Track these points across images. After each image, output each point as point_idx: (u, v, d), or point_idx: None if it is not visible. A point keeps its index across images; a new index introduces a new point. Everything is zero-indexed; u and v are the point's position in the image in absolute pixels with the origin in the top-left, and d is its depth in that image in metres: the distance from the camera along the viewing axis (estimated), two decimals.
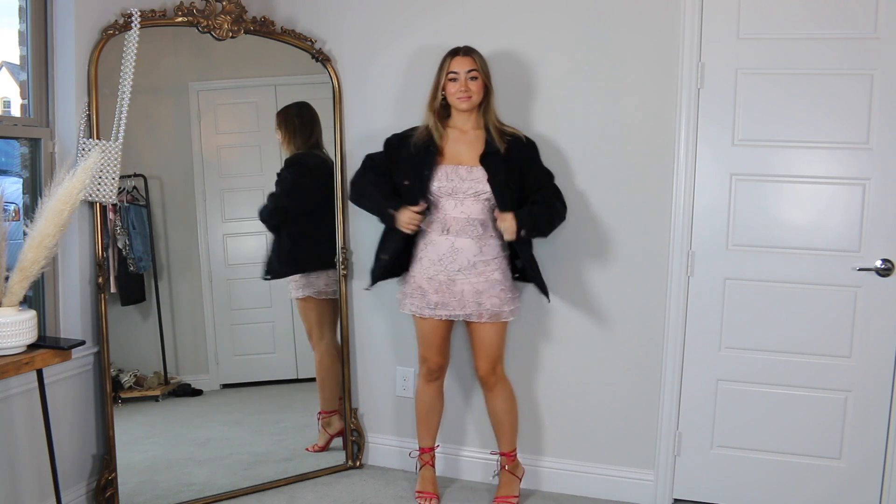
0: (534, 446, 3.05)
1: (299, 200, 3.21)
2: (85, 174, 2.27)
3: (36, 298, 2.62)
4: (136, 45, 2.69)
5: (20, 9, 2.57)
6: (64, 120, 2.63)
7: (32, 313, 2.29)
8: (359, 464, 3.26)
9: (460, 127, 2.79)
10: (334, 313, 3.24)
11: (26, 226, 2.26)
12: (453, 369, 3.16)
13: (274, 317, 3.33)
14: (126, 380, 3.00)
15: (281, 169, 3.18)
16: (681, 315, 2.87)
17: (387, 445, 3.29)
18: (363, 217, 3.20)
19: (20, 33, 2.60)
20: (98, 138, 2.65)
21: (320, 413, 3.28)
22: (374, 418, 3.31)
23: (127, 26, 2.70)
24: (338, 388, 3.27)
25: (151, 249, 3.03)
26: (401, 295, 2.87)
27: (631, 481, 2.98)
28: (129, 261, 2.92)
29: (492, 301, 2.73)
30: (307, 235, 3.24)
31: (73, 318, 2.68)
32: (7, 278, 2.25)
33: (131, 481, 2.80)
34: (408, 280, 2.84)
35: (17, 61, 2.65)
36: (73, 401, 2.68)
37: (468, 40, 2.81)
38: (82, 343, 2.50)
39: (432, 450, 2.99)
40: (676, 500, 2.96)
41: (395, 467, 3.26)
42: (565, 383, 3.05)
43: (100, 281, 2.70)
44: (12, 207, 2.60)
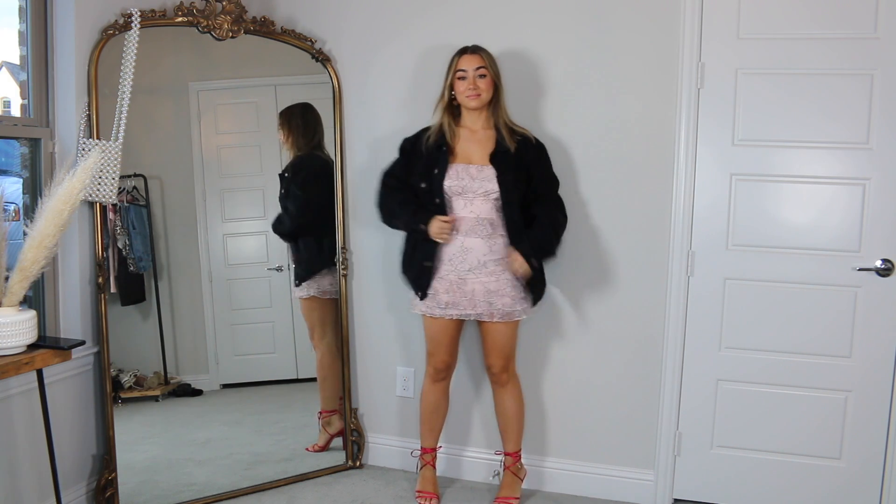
0: (534, 447, 3.05)
1: (315, 212, 3.23)
2: (85, 174, 2.27)
3: (36, 298, 2.61)
4: (136, 45, 2.69)
5: (20, 9, 2.57)
6: (64, 120, 2.63)
7: (32, 313, 2.29)
8: (359, 464, 3.26)
9: (470, 126, 2.78)
10: (336, 313, 3.24)
11: (26, 226, 2.25)
12: (457, 369, 3.16)
13: (274, 317, 3.33)
14: (126, 380, 3.00)
15: (286, 174, 3.18)
16: (681, 315, 2.87)
17: (387, 445, 3.29)
18: (363, 217, 3.21)
19: (20, 33, 2.60)
20: (98, 138, 2.65)
21: (320, 412, 3.28)
22: (374, 418, 3.31)
23: (127, 26, 2.70)
24: (338, 387, 3.27)
25: (151, 249, 3.03)
26: (412, 295, 2.85)
27: (631, 481, 2.98)
28: (129, 261, 2.92)
29: (503, 301, 2.72)
30: (320, 238, 3.24)
31: (73, 318, 2.68)
32: (7, 278, 2.25)
33: (131, 481, 2.80)
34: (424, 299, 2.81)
35: (17, 61, 2.65)
36: (73, 401, 2.68)
37: (468, 40, 2.80)
38: (82, 343, 2.50)
39: (434, 450, 2.98)
40: (676, 500, 2.96)
41: (396, 467, 3.25)
42: (565, 383, 3.05)
43: (100, 281, 2.70)
44: (12, 207, 2.60)
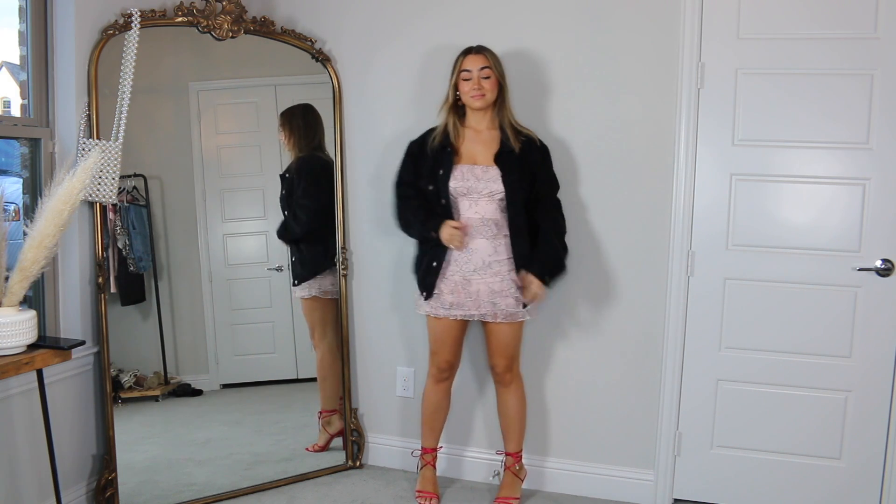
0: (535, 446, 3.05)
1: (323, 218, 3.22)
2: (85, 174, 2.27)
3: (36, 298, 2.61)
4: (136, 45, 2.69)
5: (20, 9, 2.57)
6: (64, 120, 2.63)
7: (32, 313, 2.29)
8: (359, 464, 3.26)
9: (475, 126, 2.78)
10: (337, 313, 3.24)
11: (26, 226, 2.25)
12: (460, 369, 3.16)
13: (274, 317, 3.33)
14: (126, 380, 3.00)
15: (287, 175, 3.18)
16: (681, 315, 2.87)
17: (387, 445, 3.28)
18: (363, 217, 3.21)
19: (20, 33, 2.60)
20: (98, 138, 2.65)
21: (320, 412, 3.28)
22: (374, 418, 3.31)
23: (127, 26, 2.70)
24: (339, 387, 3.27)
25: (151, 249, 3.03)
26: (418, 296, 2.84)
27: (631, 481, 2.98)
28: (129, 261, 2.92)
29: (507, 301, 2.71)
30: (322, 238, 3.24)
31: (73, 318, 2.68)
32: (7, 278, 2.25)
33: (131, 481, 2.80)
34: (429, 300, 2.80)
35: (17, 61, 2.65)
36: (73, 401, 2.68)
37: (467, 40, 2.81)
38: (82, 343, 2.50)
39: (434, 450, 2.98)
40: (676, 500, 2.96)
41: (396, 467, 3.25)
42: (565, 383, 3.05)
43: (100, 281, 2.70)
44: (12, 207, 2.60)
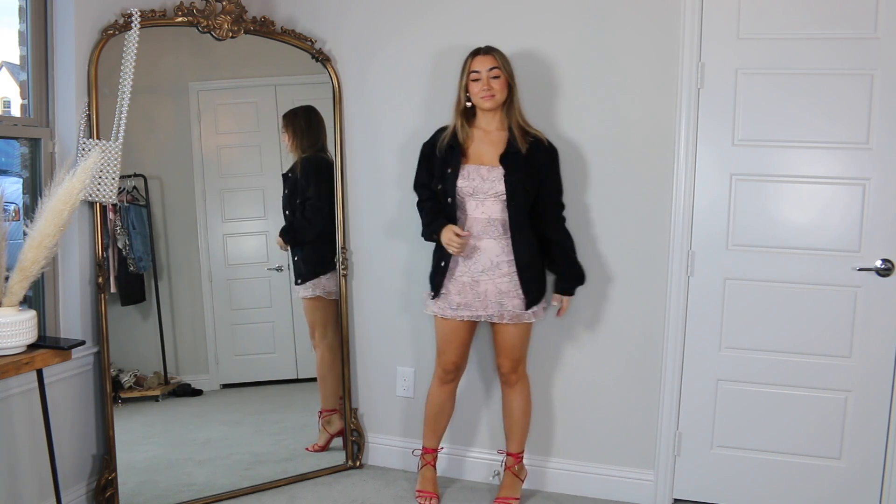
0: (535, 447, 3.05)
1: (331, 218, 3.21)
2: (85, 174, 2.27)
3: (36, 298, 2.61)
4: (136, 45, 2.69)
5: (20, 9, 2.57)
6: (64, 120, 2.63)
7: (32, 313, 2.29)
8: (359, 464, 3.26)
9: (484, 127, 2.77)
10: (337, 313, 3.24)
11: (26, 226, 2.25)
12: (466, 369, 3.15)
13: (274, 317, 3.33)
14: (126, 380, 3.00)
15: (290, 175, 3.18)
16: (681, 315, 2.87)
17: (387, 445, 3.28)
18: (363, 217, 3.21)
19: (20, 33, 2.60)
20: (98, 138, 2.65)
21: (320, 412, 3.28)
22: (374, 418, 3.31)
23: (127, 26, 2.70)
24: (339, 386, 3.27)
25: (151, 249, 3.03)
26: (427, 295, 2.84)
27: (631, 481, 2.98)
28: (129, 261, 2.92)
29: (514, 303, 2.71)
30: (329, 239, 3.23)
31: (73, 318, 2.68)
32: (7, 278, 2.25)
33: (131, 481, 2.80)
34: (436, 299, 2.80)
35: (17, 61, 2.65)
36: (73, 401, 2.68)
37: (468, 40, 2.81)
38: (82, 343, 2.50)
39: (435, 451, 2.97)
40: (676, 500, 2.96)
41: (396, 467, 3.25)
42: (565, 383, 3.05)
43: (100, 281, 2.70)
44: (12, 207, 2.60)
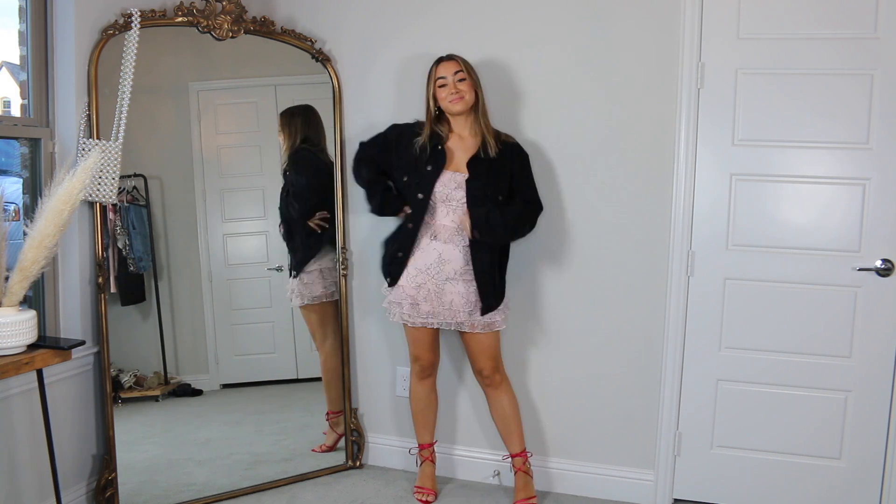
0: (535, 447, 3.05)
1: (315, 207, 3.22)
2: (85, 174, 2.27)
3: (36, 298, 2.61)
4: (136, 45, 2.69)
5: (20, 9, 2.57)
6: (64, 120, 2.63)
7: (32, 313, 2.29)
8: (359, 464, 3.26)
9: (459, 132, 2.79)
10: (337, 314, 3.24)
11: (26, 226, 2.25)
12: (450, 368, 3.16)
13: (274, 317, 3.33)
14: (126, 380, 3.00)
15: (287, 173, 3.17)
16: (681, 315, 2.87)
17: (387, 445, 3.29)
18: (363, 217, 3.20)
19: (20, 33, 2.60)
20: (98, 138, 2.65)
21: (328, 413, 3.28)
22: (374, 418, 3.31)
23: (127, 26, 2.70)
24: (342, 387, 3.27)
25: (151, 249, 3.03)
26: (388, 304, 2.84)
27: (631, 481, 2.98)
28: (129, 261, 2.92)
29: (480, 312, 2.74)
30: (311, 231, 3.23)
31: (73, 318, 2.68)
32: (7, 278, 2.25)
33: (131, 481, 2.80)
34: (394, 288, 2.80)
35: (17, 61, 2.65)
36: (73, 401, 2.68)
37: (468, 39, 2.81)
38: (82, 343, 2.50)
39: (431, 445, 3.00)
40: (676, 500, 2.96)
41: (395, 467, 3.25)
42: (565, 383, 3.05)
43: (100, 281, 2.70)
44: (12, 207, 2.60)
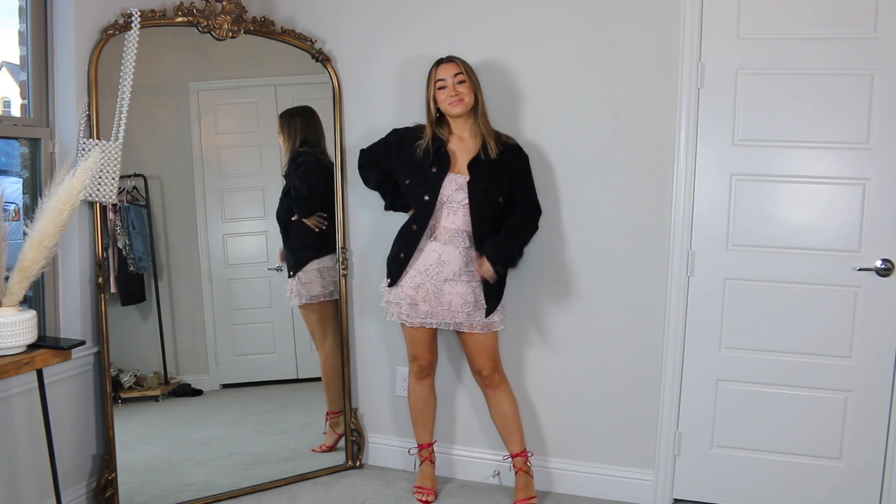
0: (535, 447, 3.05)
1: (318, 199, 3.21)
2: (85, 174, 2.27)
3: (36, 298, 2.61)
4: (136, 45, 2.69)
5: (20, 9, 2.57)
6: (64, 120, 2.63)
7: (32, 313, 2.29)
8: (359, 464, 3.26)
9: (459, 135, 2.79)
10: (336, 314, 3.24)
11: (26, 226, 2.26)
12: (449, 368, 3.16)
13: (274, 317, 3.33)
14: (126, 380, 3.00)
15: (287, 176, 3.18)
16: (681, 315, 2.87)
17: (387, 445, 3.29)
18: (363, 217, 3.21)
19: (20, 33, 2.60)
20: (98, 138, 2.65)
21: (328, 413, 3.28)
22: (374, 418, 3.31)
23: (127, 26, 2.70)
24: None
25: (151, 249, 3.03)
26: (385, 304, 2.84)
27: (631, 481, 2.98)
28: (129, 261, 2.92)
29: (481, 313, 2.74)
30: (310, 230, 3.23)
31: (73, 318, 2.68)
32: (7, 278, 2.25)
33: (131, 481, 2.80)
34: (393, 288, 2.80)
35: (17, 61, 2.65)
36: (73, 401, 2.68)
37: (468, 39, 2.81)
38: (82, 343, 2.50)
39: (430, 445, 3.00)
40: (676, 500, 2.96)
41: (395, 467, 3.25)
42: (564, 383, 3.05)
43: (100, 281, 2.70)
44: (12, 207, 2.60)
